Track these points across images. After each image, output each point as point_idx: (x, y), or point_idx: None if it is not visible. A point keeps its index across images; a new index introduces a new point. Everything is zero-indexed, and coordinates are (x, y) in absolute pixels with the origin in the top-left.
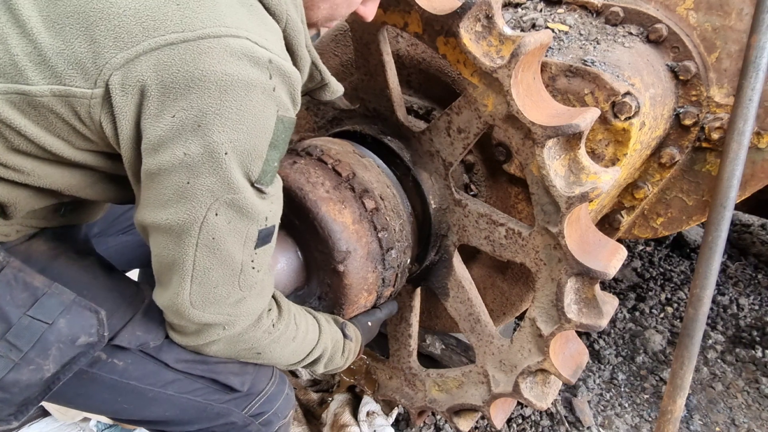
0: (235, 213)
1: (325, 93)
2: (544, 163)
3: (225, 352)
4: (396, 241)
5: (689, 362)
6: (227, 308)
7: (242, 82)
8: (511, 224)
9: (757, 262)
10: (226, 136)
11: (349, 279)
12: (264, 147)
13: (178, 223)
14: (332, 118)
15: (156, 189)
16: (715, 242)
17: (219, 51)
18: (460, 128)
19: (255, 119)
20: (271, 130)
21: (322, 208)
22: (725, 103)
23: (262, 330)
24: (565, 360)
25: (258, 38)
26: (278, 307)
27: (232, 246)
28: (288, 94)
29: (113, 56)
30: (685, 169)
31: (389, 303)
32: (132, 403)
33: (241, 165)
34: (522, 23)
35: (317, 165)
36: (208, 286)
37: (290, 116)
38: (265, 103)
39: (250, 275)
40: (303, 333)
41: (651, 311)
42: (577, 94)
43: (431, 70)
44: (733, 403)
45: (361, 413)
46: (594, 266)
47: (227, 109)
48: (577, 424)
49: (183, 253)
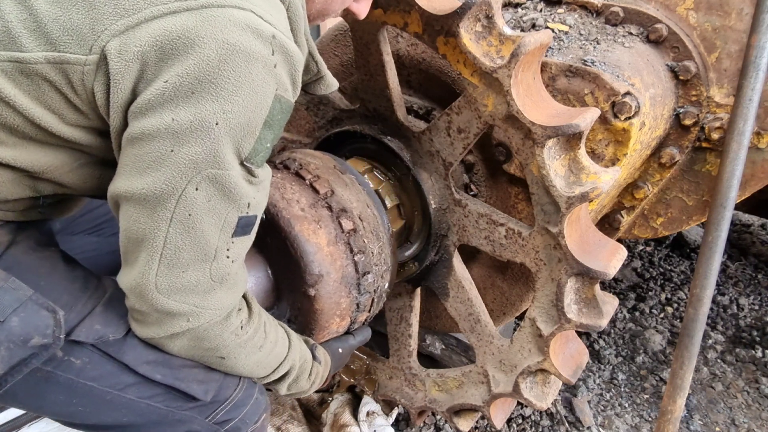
0: (217, 191)
1: (320, 86)
2: (544, 163)
3: (187, 351)
4: (374, 265)
5: (689, 362)
6: (194, 297)
7: (243, 53)
8: (511, 224)
9: (757, 262)
10: (219, 106)
11: (320, 304)
12: (258, 124)
13: (154, 193)
14: (332, 118)
15: (135, 155)
16: (715, 242)
17: (222, 20)
18: (460, 128)
19: (252, 93)
20: (268, 107)
21: (295, 228)
22: (725, 103)
23: (229, 330)
24: (565, 360)
25: (263, 12)
26: (249, 309)
27: (208, 227)
28: (289, 74)
29: (113, 23)
30: (685, 169)
31: (363, 329)
32: (87, 406)
33: (232, 139)
34: (522, 23)
35: (294, 180)
36: (177, 268)
37: (288, 98)
38: (265, 78)
39: (223, 264)
40: (271, 344)
41: (651, 311)
42: (577, 94)
43: (431, 70)
44: (733, 403)
45: (361, 413)
46: (594, 266)
47: (224, 79)
48: (577, 424)
49: (155, 227)
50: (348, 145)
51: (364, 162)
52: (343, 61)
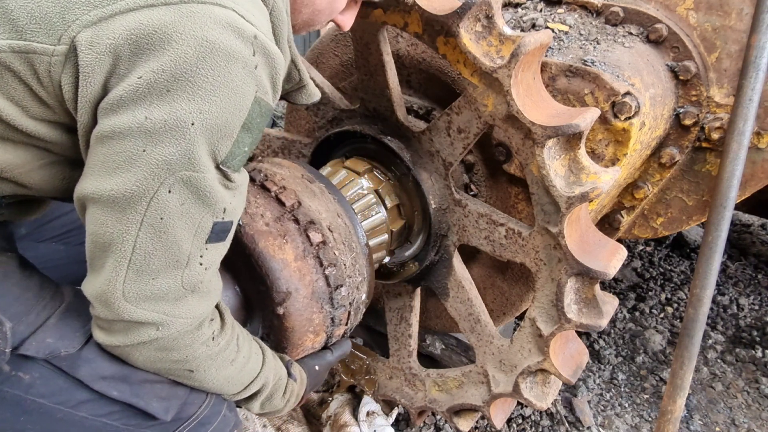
0: (191, 194)
1: (302, 96)
2: (544, 163)
3: (153, 363)
4: (347, 277)
5: (689, 362)
6: (164, 305)
7: (223, 52)
8: (511, 224)
9: (757, 262)
10: (195, 106)
11: (291, 322)
12: (236, 126)
13: (124, 194)
14: (332, 118)
15: (105, 154)
16: (715, 242)
17: (202, 16)
18: (460, 128)
19: (231, 93)
20: (247, 109)
21: (259, 244)
22: (725, 103)
23: (200, 340)
24: (565, 360)
25: (245, 12)
26: (222, 320)
27: (181, 232)
28: (269, 77)
29: (85, 13)
30: (685, 169)
31: (342, 343)
32: (37, 424)
33: (208, 141)
34: (522, 23)
35: (259, 192)
36: (146, 275)
37: (268, 101)
38: (245, 79)
39: (196, 271)
40: (244, 358)
41: (651, 311)
42: (577, 94)
43: (431, 70)
44: (733, 403)
45: (361, 413)
46: (594, 266)
47: (202, 78)
48: (577, 424)
49: (124, 231)
50: (348, 145)
51: (364, 162)
52: (343, 61)
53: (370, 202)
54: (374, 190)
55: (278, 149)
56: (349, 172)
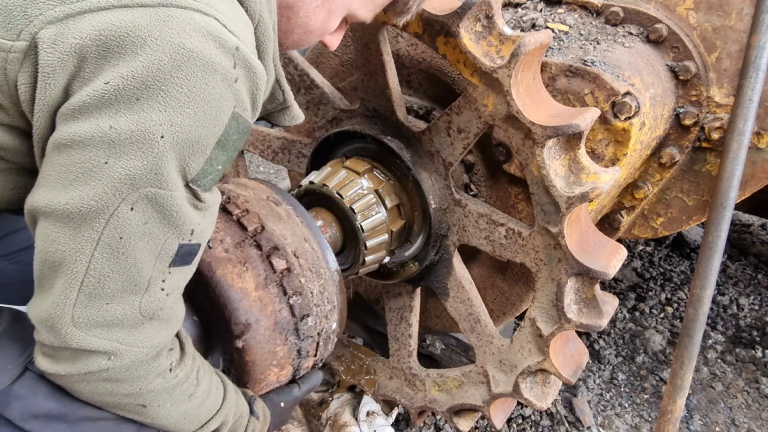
0: (155, 213)
1: (285, 117)
2: (544, 163)
3: (102, 396)
4: (314, 306)
5: (689, 362)
6: (118, 333)
7: (201, 61)
8: (511, 224)
9: (757, 262)
10: (166, 117)
11: (252, 355)
12: (210, 142)
13: (80, 209)
14: (332, 118)
15: (62, 164)
16: (715, 242)
17: (181, 22)
18: (460, 128)
19: (206, 107)
20: (223, 125)
21: (217, 272)
22: (725, 103)
23: (156, 371)
24: (565, 360)
25: (228, 22)
26: (181, 350)
27: (142, 254)
28: (249, 92)
29: (50, 8)
30: (685, 169)
31: (311, 376)
32: None
33: (179, 156)
34: (522, 23)
35: (220, 216)
36: (99, 299)
37: (247, 118)
38: (223, 92)
39: (156, 297)
40: (204, 393)
41: (651, 311)
42: (577, 94)
43: (431, 70)
44: (733, 403)
45: (361, 413)
46: (594, 266)
47: (176, 87)
48: (577, 424)
49: (77, 249)
50: (348, 145)
51: (364, 162)
52: (343, 61)
53: (370, 202)
54: (374, 190)
55: (278, 149)
56: (349, 172)
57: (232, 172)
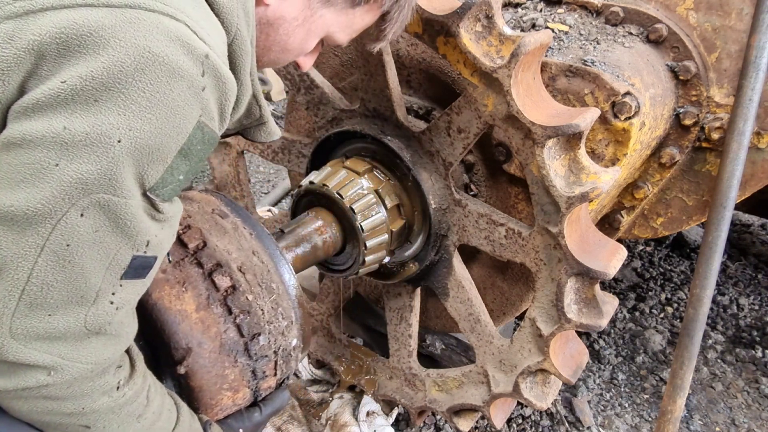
0: (107, 221)
1: (261, 133)
2: (544, 163)
3: (40, 415)
4: (266, 324)
5: (689, 362)
6: (60, 346)
7: (167, 67)
8: (511, 224)
9: (757, 262)
10: (125, 121)
11: (197, 380)
12: (171, 150)
13: (25, 212)
14: (332, 117)
15: (9, 164)
16: (715, 242)
17: (148, 25)
18: (460, 128)
19: (170, 113)
20: (186, 133)
21: (153, 295)
22: (725, 103)
23: (102, 389)
24: (565, 360)
25: (198, 29)
26: (131, 367)
27: (90, 263)
28: (217, 102)
29: (9, 3)
30: (685, 169)
31: (275, 397)
32: None
33: (136, 163)
34: (522, 23)
35: None
36: (41, 309)
37: (213, 128)
38: (188, 99)
39: (104, 311)
40: (154, 414)
41: (651, 311)
42: (577, 94)
43: (431, 70)
44: (733, 403)
45: (361, 413)
46: (594, 266)
47: (137, 91)
48: (577, 424)
49: (19, 255)
50: (348, 145)
51: (364, 162)
52: (343, 61)
53: (370, 202)
54: (374, 190)
55: (278, 149)
56: (349, 172)
57: (232, 172)
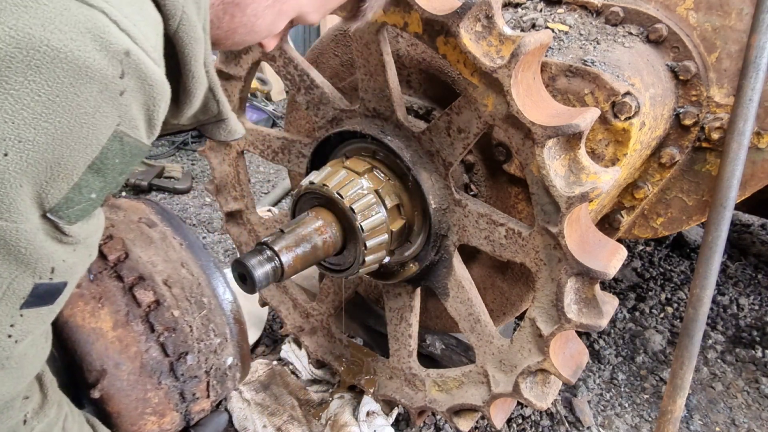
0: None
1: (220, 131)
2: (544, 163)
3: None
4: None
5: (689, 362)
6: None
7: (72, 65)
8: (511, 224)
9: (757, 262)
10: (13, 131)
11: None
12: (77, 165)
13: None
14: (332, 117)
15: None
16: (715, 242)
17: (49, 13)
18: (460, 128)
19: (73, 122)
20: (99, 145)
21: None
22: (725, 103)
23: (6, 424)
24: (565, 360)
25: (120, 18)
26: (43, 397)
27: None
28: (143, 107)
29: None
30: (685, 169)
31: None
32: None
33: (32, 180)
34: (522, 23)
35: None
36: None
37: (138, 138)
38: (100, 106)
39: (1, 345)
40: None
41: (651, 311)
42: (577, 94)
43: (431, 70)
44: (733, 403)
45: (361, 413)
46: (594, 266)
47: (29, 94)
48: (577, 424)
49: None
50: (348, 145)
51: (364, 162)
52: (343, 61)
53: (370, 202)
54: (374, 190)
55: (278, 149)
56: (349, 172)
57: (232, 172)
